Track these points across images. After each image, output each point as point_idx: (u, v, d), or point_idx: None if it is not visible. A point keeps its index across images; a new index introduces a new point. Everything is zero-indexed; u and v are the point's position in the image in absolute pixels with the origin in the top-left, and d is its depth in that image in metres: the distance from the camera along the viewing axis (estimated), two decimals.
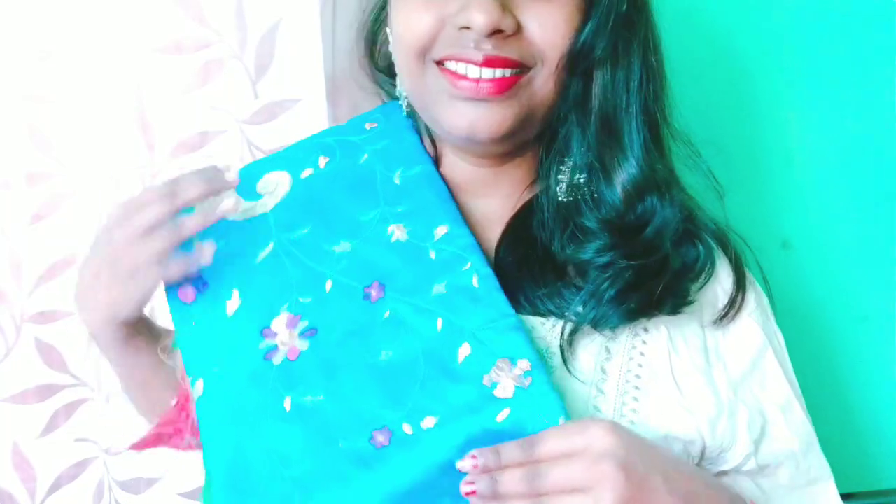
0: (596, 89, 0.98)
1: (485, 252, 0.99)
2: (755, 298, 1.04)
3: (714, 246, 1.02)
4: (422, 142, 1.06)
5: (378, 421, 0.89)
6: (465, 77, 0.94)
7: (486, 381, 0.90)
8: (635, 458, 0.85)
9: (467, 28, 0.93)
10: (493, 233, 1.02)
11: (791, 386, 1.03)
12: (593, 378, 0.95)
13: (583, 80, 0.98)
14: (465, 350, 0.91)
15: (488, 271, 0.95)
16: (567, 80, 0.97)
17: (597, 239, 0.98)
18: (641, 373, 0.97)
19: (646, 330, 0.98)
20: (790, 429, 1.01)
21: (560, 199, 1.01)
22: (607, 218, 0.99)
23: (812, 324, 1.40)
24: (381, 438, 0.89)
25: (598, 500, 0.82)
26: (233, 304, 0.96)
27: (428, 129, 1.05)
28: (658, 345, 0.98)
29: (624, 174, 0.99)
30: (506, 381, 0.90)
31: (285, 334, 0.95)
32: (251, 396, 0.93)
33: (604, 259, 0.97)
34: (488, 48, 0.93)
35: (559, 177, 1.02)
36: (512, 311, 0.93)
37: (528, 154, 1.04)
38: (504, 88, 0.94)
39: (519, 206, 1.04)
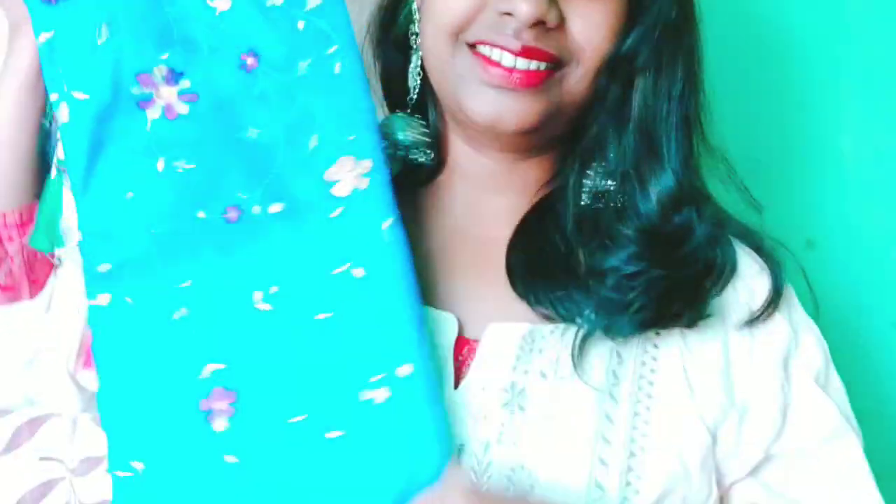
0: (636, 96, 0.99)
1: (496, 249, 0.99)
2: (791, 303, 1.05)
3: (734, 248, 1.02)
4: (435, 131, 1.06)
5: (233, 197, 0.92)
6: (498, 64, 0.93)
7: (326, 176, 0.92)
8: None
9: (509, 14, 0.92)
10: (504, 230, 1.02)
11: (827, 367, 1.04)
12: (605, 384, 0.94)
13: (622, 85, 0.98)
14: (314, 141, 0.93)
15: (353, 59, 0.94)
16: (604, 83, 0.97)
17: (628, 247, 0.98)
18: (654, 378, 0.97)
19: (657, 333, 0.98)
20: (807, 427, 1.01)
21: (582, 202, 1.01)
22: (643, 227, 0.99)
23: (838, 328, 1.33)
24: (232, 214, 0.91)
25: None
26: (104, 31, 0.91)
27: (443, 117, 1.04)
28: (671, 348, 0.98)
29: (660, 186, 0.99)
30: (346, 178, 0.92)
31: (164, 89, 0.92)
32: (123, 142, 0.91)
33: (632, 268, 0.96)
34: (527, 38, 0.93)
35: (585, 181, 1.02)
36: (370, 105, 0.94)
37: (548, 153, 1.04)
38: (536, 82, 0.94)
39: (533, 204, 1.04)
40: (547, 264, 0.99)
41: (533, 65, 0.94)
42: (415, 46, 1.03)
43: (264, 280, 0.92)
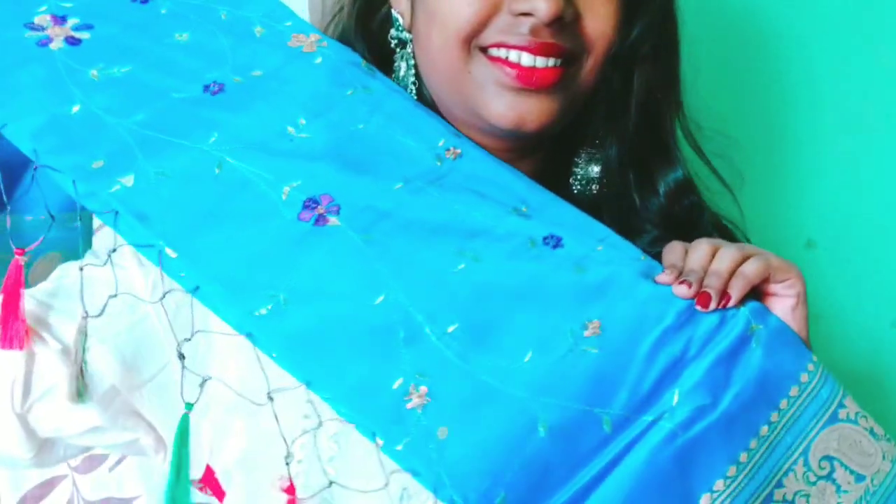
0: (638, 85, 0.99)
1: None
2: None
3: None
4: None
5: (205, 78, 0.91)
6: (517, 66, 0.92)
7: (289, 44, 0.95)
8: None
9: (527, 14, 0.91)
10: None
11: None
12: None
13: (623, 75, 0.98)
14: (259, 30, 0.96)
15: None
16: (608, 74, 0.97)
17: (647, 232, 1.00)
18: None
19: None
20: None
21: (574, 190, 1.02)
22: (657, 211, 1.01)
23: (837, 327, 1.39)
24: (215, 88, 0.91)
25: (788, 264, 0.89)
26: None
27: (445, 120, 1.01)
28: None
29: (668, 173, 1.01)
30: (308, 45, 0.96)
31: (56, 29, 0.91)
32: (36, 72, 0.88)
33: (656, 251, 0.95)
34: (545, 35, 0.92)
35: (575, 169, 1.02)
36: (286, 6, 0.97)
37: (546, 146, 1.02)
38: (554, 79, 0.93)
39: None
40: None
41: (550, 62, 0.93)
42: (400, 52, 1.02)
43: (291, 118, 0.91)
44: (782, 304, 0.88)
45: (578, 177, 1.03)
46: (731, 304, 0.85)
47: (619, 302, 0.86)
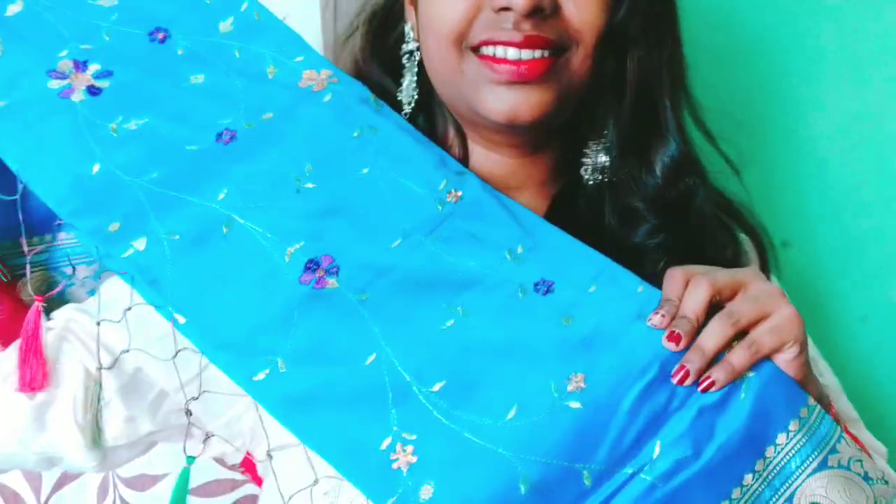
0: (631, 67, 0.98)
1: None
2: (775, 280, 1.08)
3: (741, 235, 1.05)
4: (447, 141, 1.04)
5: (218, 126, 0.93)
6: (504, 60, 0.93)
7: (300, 85, 0.96)
8: None
9: (506, 9, 0.92)
10: None
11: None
12: None
13: (617, 59, 0.98)
14: (272, 69, 0.97)
15: (261, 6, 0.98)
16: (602, 61, 0.97)
17: (645, 221, 0.99)
18: None
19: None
20: (826, 375, 1.07)
21: (588, 182, 1.02)
22: (652, 197, 1.00)
23: (811, 323, 1.32)
24: (226, 138, 0.92)
25: (789, 311, 0.86)
26: None
27: (456, 124, 1.03)
28: None
29: (664, 153, 1.00)
30: (317, 81, 0.97)
31: (77, 77, 0.93)
32: (61, 126, 0.91)
33: (655, 240, 0.98)
34: (527, 28, 0.93)
35: (584, 159, 1.02)
36: (300, 37, 0.99)
37: (556, 142, 1.03)
38: (542, 70, 0.93)
39: (553, 197, 1.04)
40: None
41: (537, 53, 0.94)
42: (408, 65, 1.03)
43: (298, 165, 0.92)
44: (782, 356, 0.86)
45: (588, 167, 1.02)
46: (713, 389, 0.84)
47: (604, 355, 0.86)
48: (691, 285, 0.86)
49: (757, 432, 0.85)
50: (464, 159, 1.03)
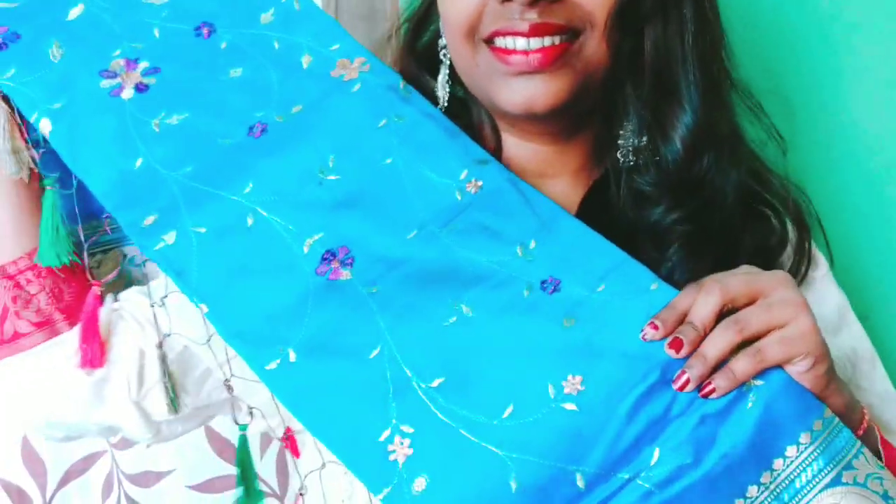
0: (648, 45, 0.97)
1: None
2: (824, 260, 1.08)
3: (782, 211, 1.03)
4: (482, 131, 1.05)
5: (251, 119, 0.95)
6: (514, 52, 0.93)
7: (333, 74, 0.98)
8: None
9: (509, 0, 0.92)
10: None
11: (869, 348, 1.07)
12: None
13: (634, 38, 0.96)
14: (307, 59, 0.99)
15: None
16: (619, 41, 0.95)
17: (658, 203, 0.98)
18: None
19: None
20: (880, 380, 1.04)
21: (621, 163, 1.00)
22: (665, 179, 0.98)
23: None
24: (256, 131, 0.95)
25: (805, 323, 0.83)
26: (55, 51, 0.97)
27: (488, 115, 1.03)
28: None
29: (681, 125, 0.97)
30: (349, 71, 0.98)
31: (126, 75, 0.96)
32: (109, 124, 0.94)
33: (668, 220, 0.97)
34: (533, 17, 0.92)
35: (619, 142, 1.01)
36: (337, 24, 1.01)
37: (590, 127, 1.02)
38: (554, 58, 0.92)
39: (590, 183, 1.03)
40: (617, 243, 0.94)
41: (547, 41, 0.92)
42: (444, 60, 1.03)
43: (322, 157, 0.94)
44: (793, 368, 0.84)
45: (621, 150, 1.00)
46: (713, 396, 0.82)
47: (604, 358, 0.85)
48: (702, 292, 0.84)
49: (764, 443, 0.83)
50: (497, 149, 1.03)
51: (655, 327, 0.84)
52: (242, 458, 0.96)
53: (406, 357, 0.86)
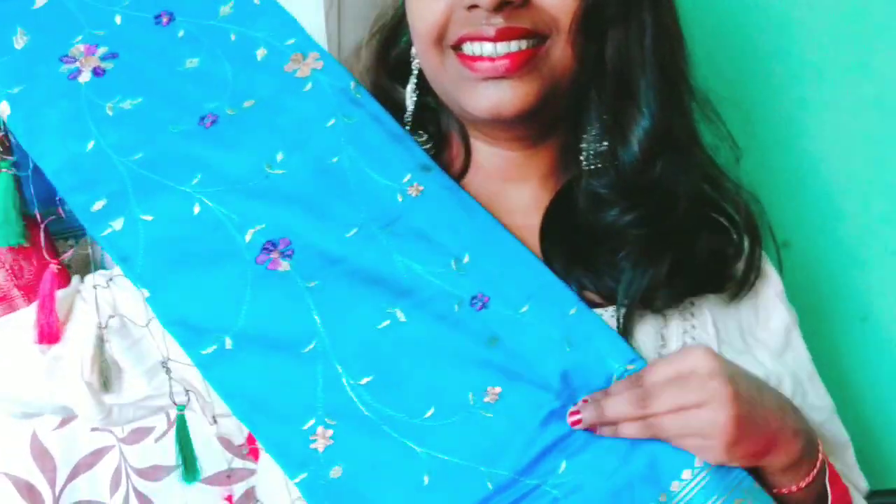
0: (610, 49, 0.97)
1: (528, 240, 0.98)
2: (777, 276, 1.08)
3: (736, 219, 1.03)
4: (451, 139, 1.05)
5: (203, 109, 0.98)
6: (481, 58, 0.93)
7: (286, 69, 1.00)
8: (737, 377, 0.89)
9: (475, 6, 0.92)
10: (534, 219, 1.01)
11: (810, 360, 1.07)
12: None
13: (598, 43, 0.96)
14: (261, 52, 1.01)
15: None
16: (584, 46, 0.95)
17: (615, 205, 0.98)
18: None
19: (692, 315, 1.00)
20: (819, 398, 1.06)
21: (584, 167, 1.01)
22: (623, 180, 0.99)
23: (812, 324, 1.34)
24: (207, 122, 0.97)
25: (714, 415, 0.86)
26: (20, 38, 0.99)
27: (458, 122, 1.04)
28: (706, 331, 1.00)
29: (639, 129, 0.98)
30: (301, 67, 1.00)
31: (85, 59, 0.99)
32: (64, 106, 0.96)
33: (622, 222, 0.97)
34: (499, 22, 0.92)
35: (581, 145, 1.01)
36: (295, 21, 1.02)
37: (559, 133, 1.02)
38: (521, 63, 0.93)
39: (557, 189, 1.03)
40: (580, 250, 0.98)
41: (513, 45, 0.93)
42: (414, 69, 1.04)
43: (271, 153, 0.96)
44: (699, 453, 0.88)
45: (584, 154, 1.01)
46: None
47: (522, 376, 0.90)
48: (627, 398, 0.88)
49: (662, 465, 0.88)
50: (467, 156, 1.04)
51: (584, 401, 0.89)
52: (182, 439, 0.99)
53: (338, 354, 0.90)
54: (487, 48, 0.93)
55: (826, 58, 1.41)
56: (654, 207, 0.98)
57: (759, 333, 1.04)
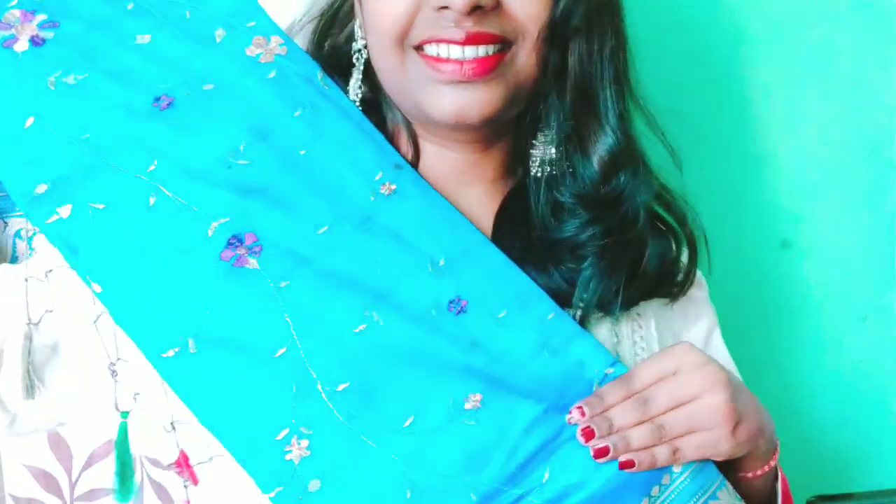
0: (572, 60, 0.96)
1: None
2: (703, 279, 1.11)
3: (677, 228, 1.05)
4: (398, 137, 1.02)
5: (157, 90, 0.91)
6: (447, 60, 0.92)
7: (248, 52, 0.95)
8: (718, 364, 0.92)
9: (446, 8, 0.90)
10: (484, 223, 1.00)
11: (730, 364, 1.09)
12: None
13: (560, 51, 0.96)
14: (220, 33, 0.95)
15: None
16: (546, 54, 0.95)
17: (575, 216, 0.98)
18: (645, 355, 1.01)
19: (639, 314, 1.02)
20: None
21: (536, 175, 1.00)
22: (583, 193, 0.98)
23: (811, 324, 1.43)
24: (163, 103, 0.90)
25: (714, 401, 0.88)
26: None
27: (406, 121, 1.01)
28: (650, 331, 1.02)
29: (601, 145, 0.98)
30: (265, 51, 0.94)
31: (21, 26, 0.91)
32: (1, 80, 0.89)
33: (584, 236, 0.97)
34: (469, 25, 0.90)
35: (532, 151, 1.00)
36: (255, 1, 0.96)
37: (508, 136, 1.02)
38: (489, 68, 0.92)
39: (506, 192, 1.02)
40: (533, 253, 0.97)
41: (481, 50, 0.91)
42: (356, 64, 1.01)
43: (234, 141, 0.90)
44: (707, 452, 0.90)
45: (535, 159, 1.00)
46: (629, 470, 0.87)
47: (502, 382, 0.87)
48: (629, 405, 0.88)
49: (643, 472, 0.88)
50: (415, 157, 1.02)
51: (580, 408, 0.87)
52: (121, 451, 0.93)
53: (313, 360, 0.86)
54: (455, 51, 0.92)
55: (817, 55, 1.41)
56: (616, 220, 0.98)
57: (685, 334, 1.06)
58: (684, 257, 1.06)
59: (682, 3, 1.36)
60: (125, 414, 0.91)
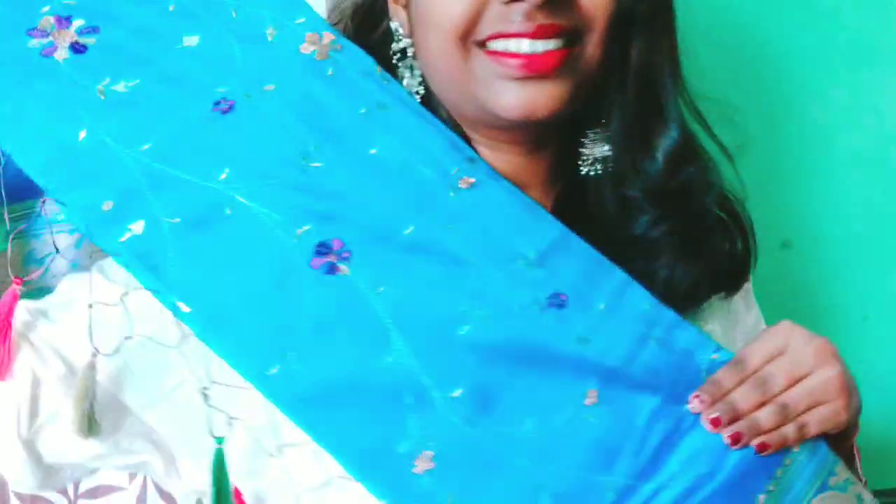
0: (634, 52, 0.94)
1: None
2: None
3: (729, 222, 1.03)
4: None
5: (214, 93, 0.87)
6: (515, 55, 0.88)
7: (302, 50, 0.90)
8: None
9: (517, 0, 0.87)
10: None
11: None
12: None
13: (621, 45, 0.94)
14: (271, 31, 0.91)
15: None
16: (610, 47, 0.92)
17: (644, 212, 0.96)
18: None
19: (703, 309, 1.00)
20: None
21: (590, 173, 0.98)
22: (652, 188, 0.96)
23: (812, 324, 1.33)
24: (224, 107, 0.86)
25: (830, 373, 0.86)
26: None
27: (453, 122, 0.97)
28: (713, 326, 1.00)
29: (664, 139, 0.96)
30: (319, 48, 0.90)
31: (59, 33, 0.87)
32: (42, 89, 0.85)
33: (657, 232, 0.96)
34: (540, 18, 0.87)
35: (581, 149, 0.98)
36: (303, 2, 0.93)
37: (558, 137, 0.98)
38: (556, 62, 0.89)
39: (556, 193, 0.99)
40: (600, 250, 0.92)
41: (551, 44, 0.88)
42: (401, 65, 0.97)
43: (303, 143, 0.87)
44: (831, 429, 0.87)
45: (585, 158, 0.98)
46: (764, 453, 0.84)
47: (614, 375, 0.84)
48: (748, 388, 0.85)
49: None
50: None
51: (698, 396, 0.85)
52: (218, 477, 0.85)
53: (422, 365, 0.82)
54: (525, 45, 0.88)
55: (827, 53, 1.44)
56: (685, 215, 0.97)
57: (736, 330, 1.05)
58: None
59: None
60: (220, 440, 0.84)
